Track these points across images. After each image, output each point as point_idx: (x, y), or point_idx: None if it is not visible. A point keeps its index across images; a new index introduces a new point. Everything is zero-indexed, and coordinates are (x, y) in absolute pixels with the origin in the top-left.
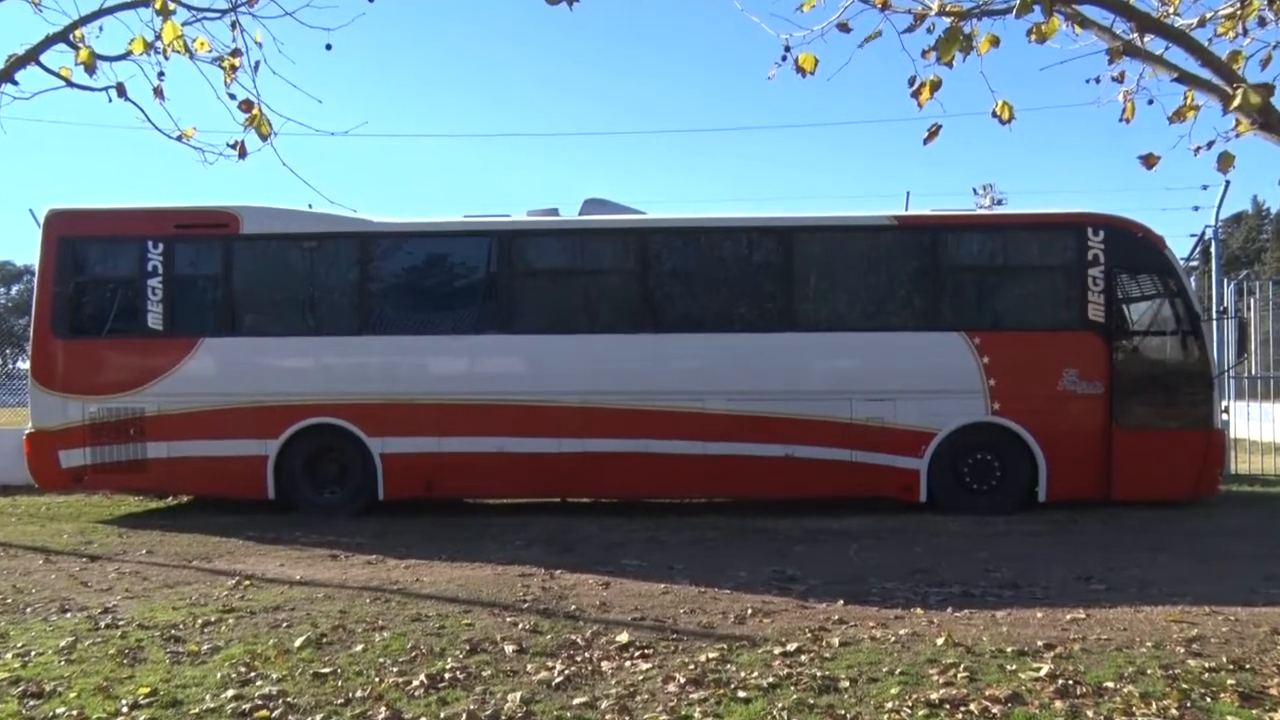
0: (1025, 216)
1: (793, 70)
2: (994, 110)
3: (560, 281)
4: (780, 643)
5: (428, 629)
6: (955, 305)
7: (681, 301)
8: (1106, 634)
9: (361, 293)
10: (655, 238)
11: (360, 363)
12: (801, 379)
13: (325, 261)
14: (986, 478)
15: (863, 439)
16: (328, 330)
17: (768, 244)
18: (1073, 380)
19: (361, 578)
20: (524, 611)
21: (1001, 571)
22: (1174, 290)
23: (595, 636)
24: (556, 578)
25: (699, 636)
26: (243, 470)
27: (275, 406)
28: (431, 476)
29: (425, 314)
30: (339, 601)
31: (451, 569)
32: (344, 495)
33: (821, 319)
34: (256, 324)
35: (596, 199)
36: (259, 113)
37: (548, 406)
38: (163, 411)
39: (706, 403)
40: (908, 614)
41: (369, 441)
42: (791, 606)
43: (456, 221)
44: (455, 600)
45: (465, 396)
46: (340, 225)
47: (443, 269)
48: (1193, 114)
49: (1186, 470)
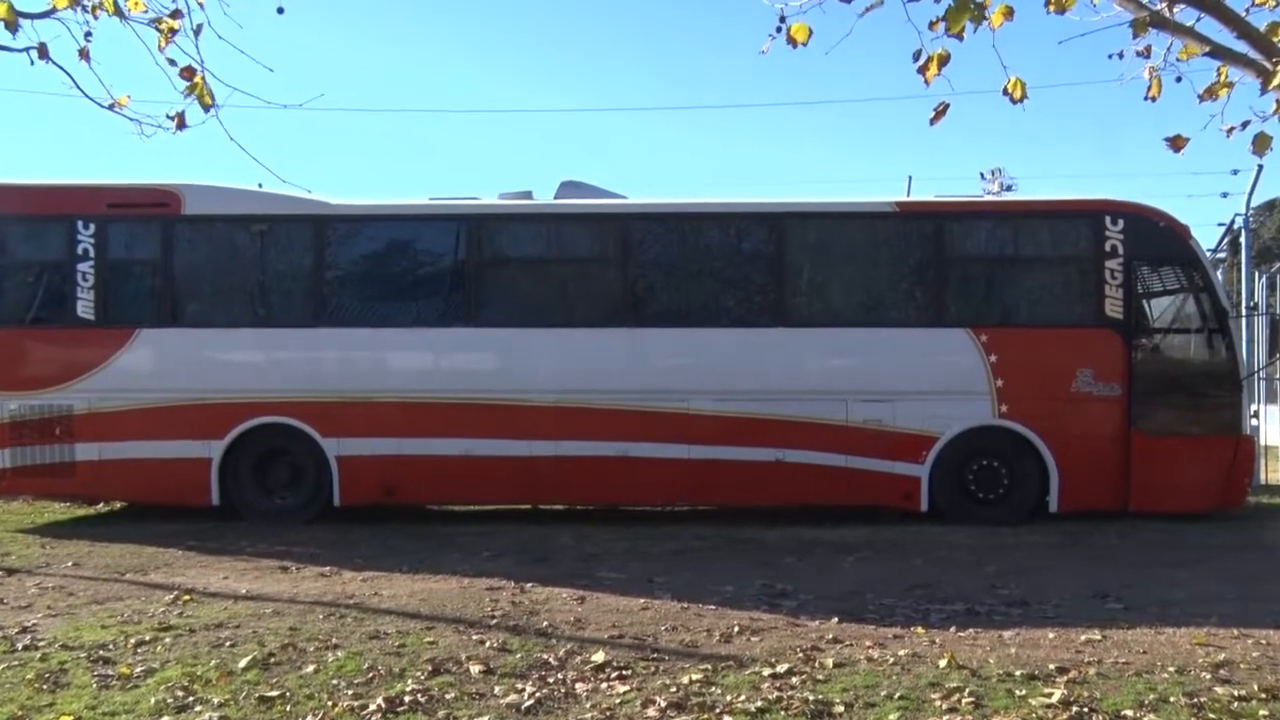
0: (1037, 204)
1: (786, 43)
2: (1006, 88)
3: (533, 271)
4: (769, 663)
5: (386, 648)
6: (960, 299)
7: (664, 293)
8: (1124, 657)
9: (316, 281)
10: (636, 224)
11: (315, 357)
12: (794, 378)
13: (276, 246)
14: (993, 486)
15: (859, 443)
16: (279, 321)
17: (758, 232)
18: (1087, 381)
19: (314, 591)
20: (492, 628)
21: (1009, 588)
22: (1199, 284)
23: (569, 656)
24: (527, 592)
25: (681, 656)
26: (183, 474)
27: (220, 404)
28: (392, 481)
29: (386, 305)
30: (289, 618)
31: (413, 582)
32: (296, 501)
33: (815, 313)
34: (200, 314)
35: (573, 181)
36: (201, 81)
37: (519, 406)
38: (93, 409)
39: (691, 403)
40: (907, 633)
41: (324, 442)
42: (782, 624)
43: (421, 204)
44: (417, 616)
45: (429, 394)
46: (293, 207)
47: (406, 256)
48: (1226, 92)
49: (1211, 480)
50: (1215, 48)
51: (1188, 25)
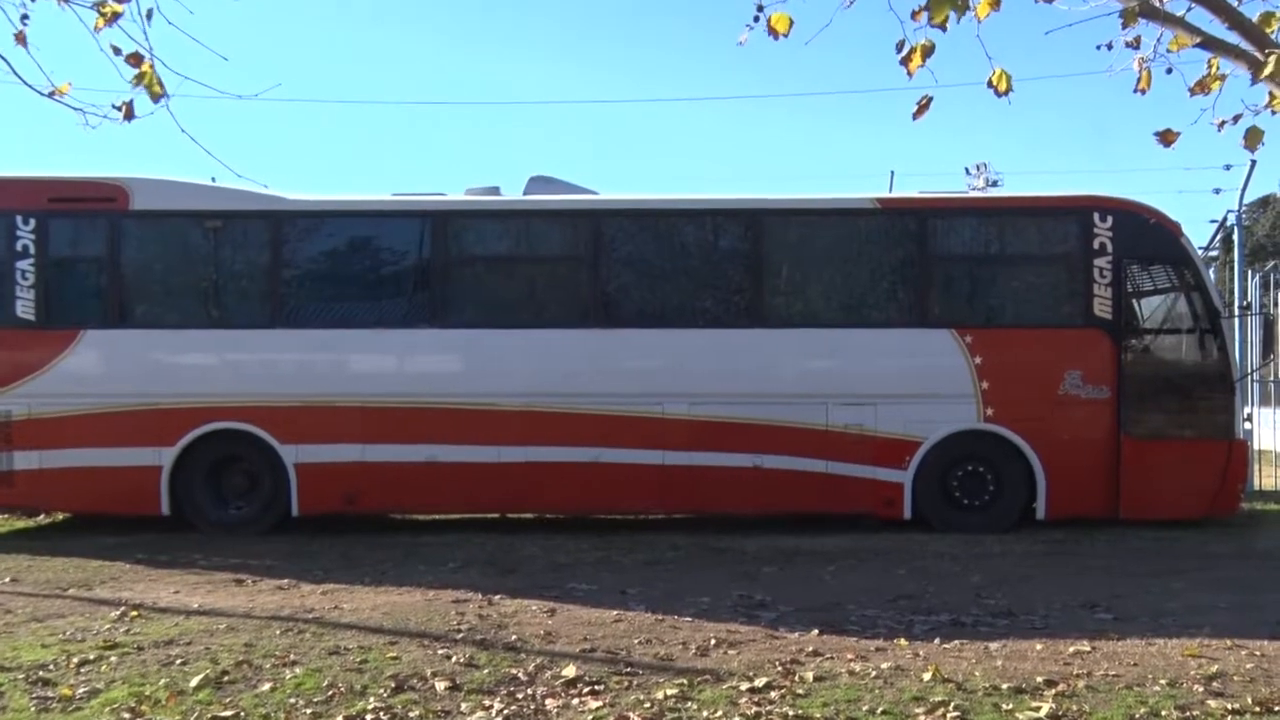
0: (1023, 200)
1: (765, 34)
2: (990, 80)
3: (501, 269)
4: (747, 677)
5: (347, 664)
6: (944, 299)
7: (638, 293)
8: (1114, 669)
9: (274, 280)
10: (608, 221)
11: (272, 359)
12: (772, 380)
13: (231, 243)
14: (978, 492)
15: (840, 448)
16: (234, 322)
17: (734, 229)
18: (1076, 384)
19: (271, 606)
20: (458, 643)
21: (995, 598)
22: (1191, 283)
23: (539, 671)
24: (495, 604)
25: (656, 670)
26: (131, 482)
27: (171, 409)
28: (353, 489)
29: (347, 305)
30: (244, 633)
31: (375, 595)
32: (251, 511)
33: (794, 313)
34: (150, 315)
35: (542, 177)
36: (150, 69)
37: (486, 410)
38: (34, 415)
39: (665, 407)
40: (890, 645)
41: (281, 449)
42: (760, 636)
43: (384, 200)
44: (379, 630)
45: (393, 398)
46: (249, 202)
47: (368, 254)
48: (1217, 85)
49: (1204, 485)
50: (1206, 38)
51: (1178, 15)
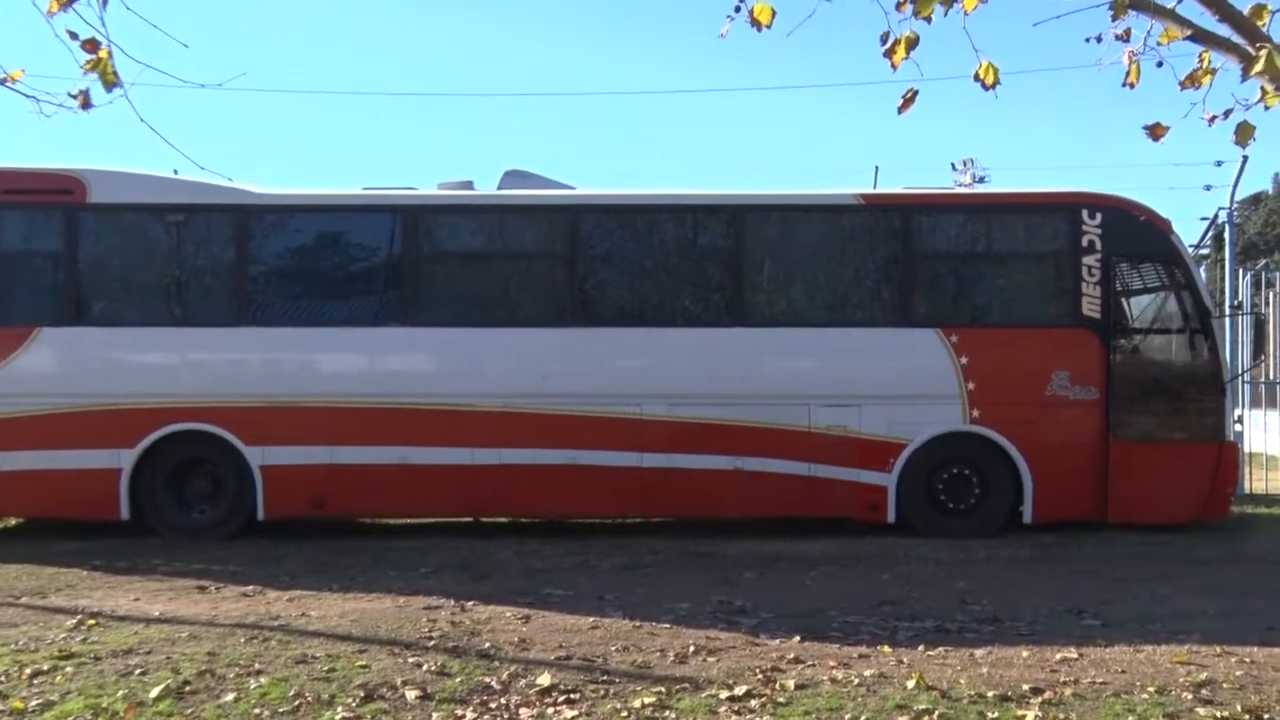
0: (1011, 196)
1: (748, 24)
2: (977, 73)
3: (475, 266)
4: (727, 685)
5: (314, 673)
6: (929, 297)
7: (615, 291)
8: (1102, 677)
9: (239, 276)
10: (585, 217)
11: (237, 359)
12: (753, 381)
13: (194, 238)
14: (964, 495)
15: (822, 450)
16: (198, 320)
17: (715, 225)
18: (1064, 384)
19: (235, 613)
20: (429, 650)
21: (981, 604)
22: (1181, 282)
23: (513, 679)
24: (468, 610)
25: (633, 678)
26: (89, 486)
27: (131, 410)
28: (322, 492)
29: (316, 302)
30: (206, 642)
31: (344, 601)
32: (215, 515)
33: (776, 312)
34: (109, 312)
35: (518, 171)
36: (106, 56)
37: (460, 411)
38: None
39: (644, 407)
40: (874, 652)
41: (247, 451)
42: (740, 643)
43: (354, 194)
44: (348, 638)
45: (363, 399)
46: (213, 195)
47: (337, 250)
48: (1208, 79)
49: (1194, 489)
50: (1197, 31)
51: (1168, 8)
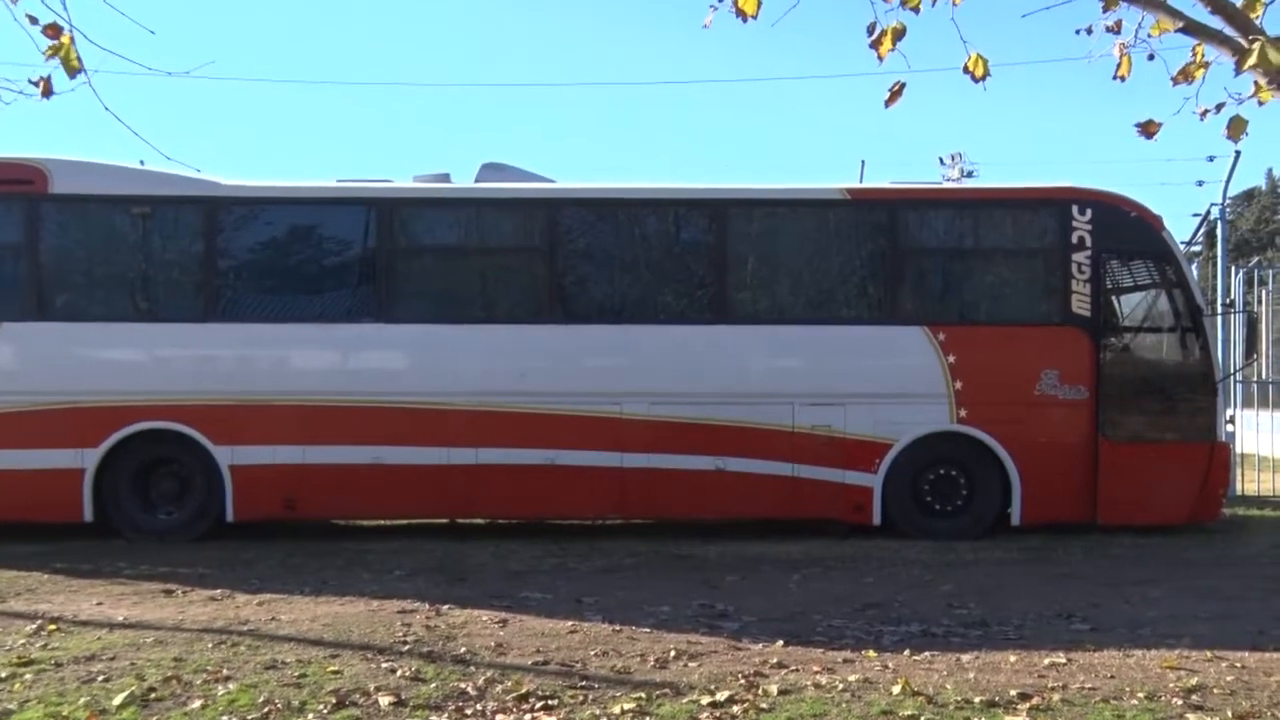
0: (999, 191)
1: (732, 14)
2: (966, 65)
3: (451, 261)
4: (709, 691)
5: (285, 679)
6: (916, 294)
7: (595, 287)
8: (1091, 682)
9: (207, 270)
10: (565, 211)
11: (206, 355)
12: (736, 379)
13: (161, 231)
14: (951, 497)
15: (807, 451)
16: (165, 315)
17: (697, 220)
18: (1052, 383)
19: (203, 618)
20: (404, 655)
21: (968, 607)
22: (1172, 279)
23: (489, 685)
24: (444, 614)
25: (613, 684)
26: (51, 487)
27: (95, 408)
28: (293, 493)
29: (287, 297)
30: (173, 647)
31: (316, 605)
32: (183, 517)
33: (760, 309)
34: (72, 307)
35: (495, 164)
36: (68, 41)
37: (435, 410)
38: None
39: (624, 406)
40: (858, 657)
41: (215, 451)
42: (722, 648)
43: (327, 187)
44: (319, 643)
45: (336, 397)
46: (181, 187)
47: (309, 244)
48: (1201, 72)
49: (1184, 490)
50: (1189, 23)
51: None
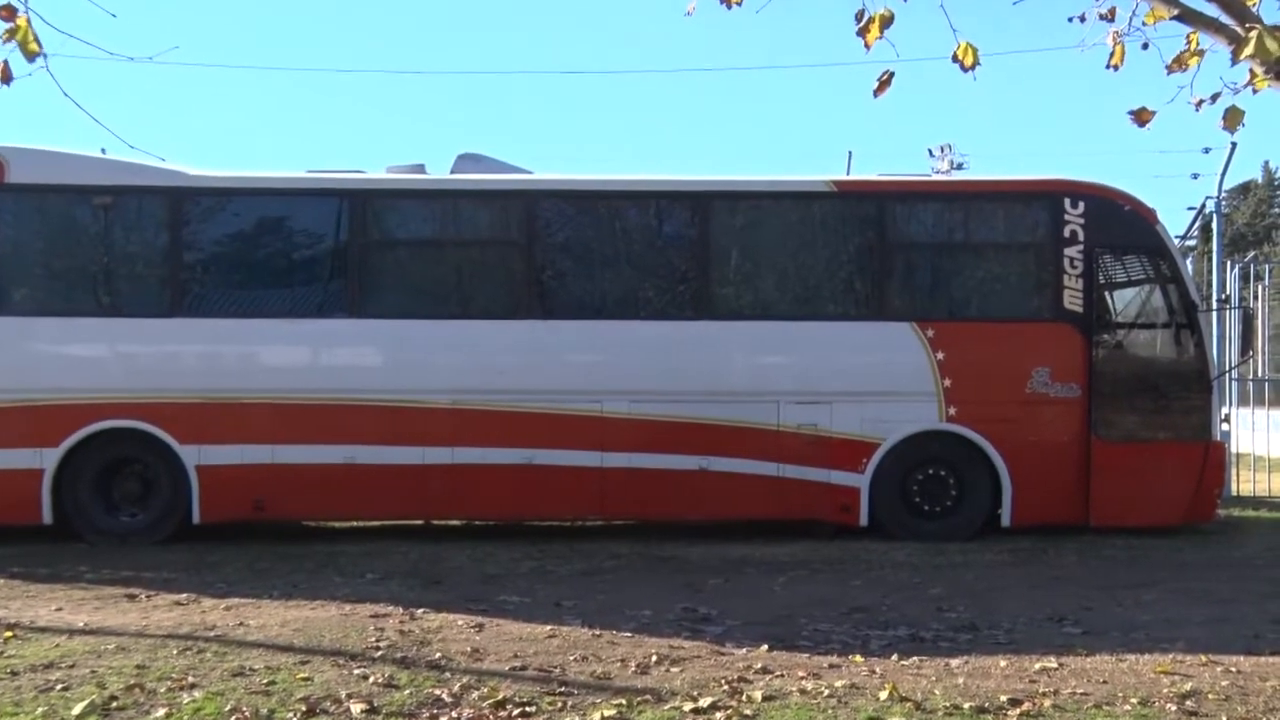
0: (990, 184)
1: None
2: (955, 54)
3: (426, 254)
4: (691, 697)
5: (253, 686)
6: (904, 290)
7: (575, 281)
8: (1083, 687)
9: (173, 264)
10: (543, 203)
11: (171, 351)
12: (719, 377)
13: (124, 222)
14: (940, 497)
15: (792, 450)
16: (128, 310)
17: (680, 213)
18: (1044, 381)
19: (168, 623)
20: (376, 661)
21: (957, 611)
22: (1167, 274)
23: (465, 691)
24: (418, 618)
25: (592, 690)
26: (8, 488)
27: (55, 406)
28: (263, 493)
29: (256, 292)
30: (136, 654)
31: (285, 609)
32: (146, 518)
33: (744, 305)
34: (30, 300)
35: (472, 154)
36: (25, 23)
37: (410, 408)
38: None
39: (605, 405)
40: (845, 662)
41: (181, 450)
42: (705, 652)
43: (298, 177)
44: (289, 649)
45: (307, 394)
46: (144, 177)
47: (279, 236)
48: (1196, 61)
49: (1179, 491)
50: (1184, 11)
51: None
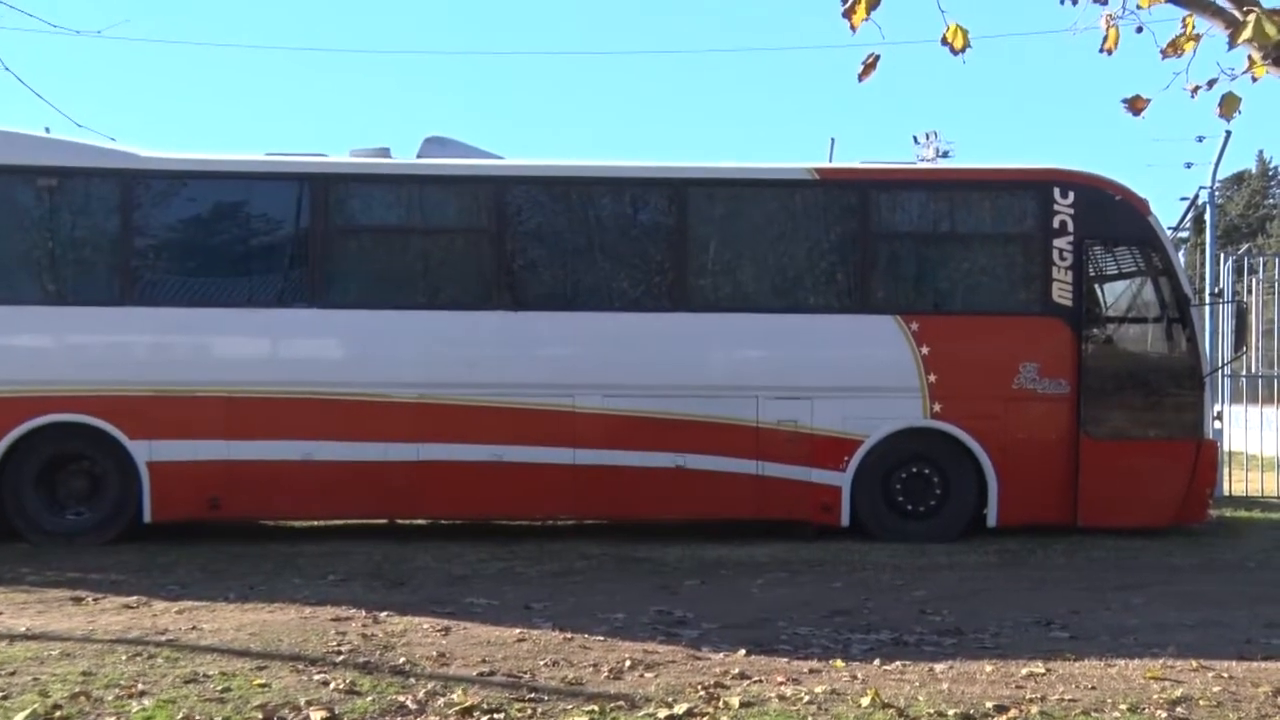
0: (977, 172)
1: None
2: (945, 36)
3: (391, 242)
4: (666, 703)
5: (207, 693)
6: (888, 281)
7: (546, 271)
8: (1071, 693)
9: (123, 250)
10: (514, 189)
11: (121, 342)
12: (696, 371)
13: (70, 206)
14: (924, 497)
15: (772, 447)
16: (75, 298)
17: (656, 200)
18: (1032, 377)
19: (116, 627)
20: (337, 666)
21: (942, 614)
22: (1159, 267)
23: (430, 698)
24: (381, 622)
25: (563, 696)
26: None
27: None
28: (217, 491)
29: (212, 280)
30: (81, 660)
31: (242, 613)
32: (94, 517)
33: (722, 296)
34: None
35: (439, 138)
36: None
37: (373, 402)
38: None
39: (577, 399)
40: (825, 667)
41: (131, 446)
42: (680, 657)
43: (256, 161)
44: (246, 654)
45: (265, 387)
46: (93, 158)
47: (236, 222)
48: (1191, 46)
49: (1169, 490)
50: None
51: None
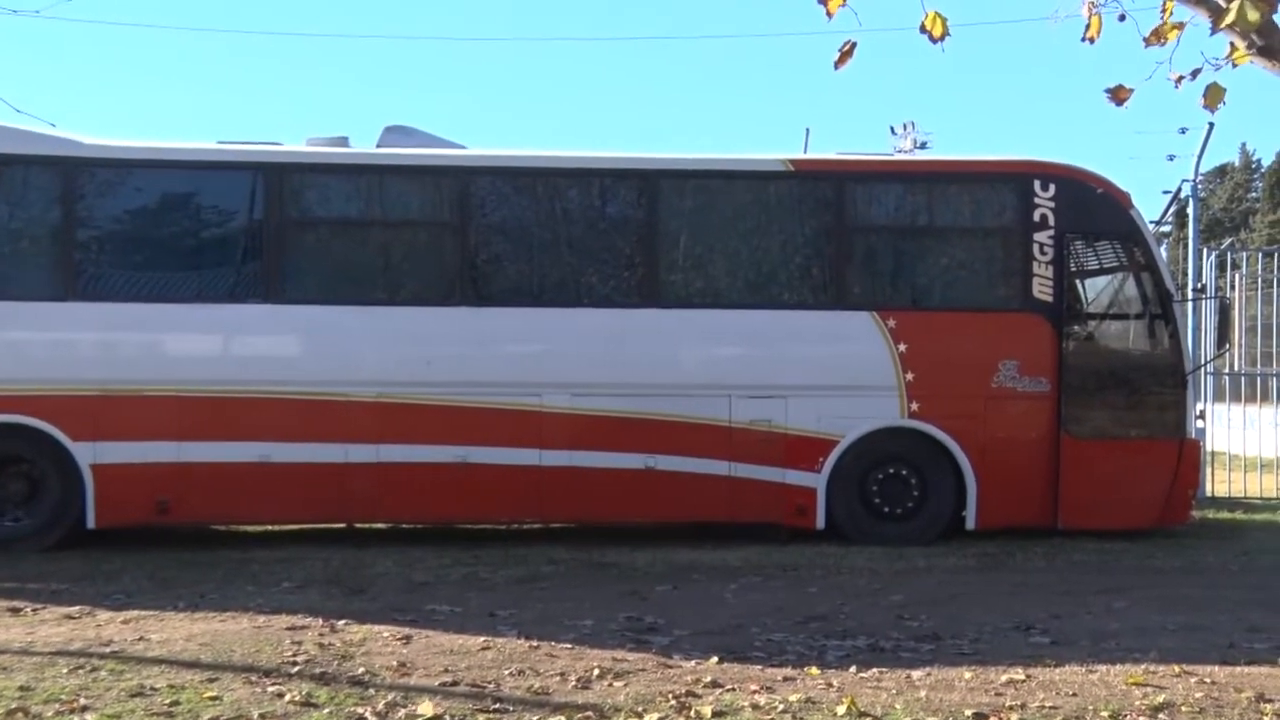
0: (955, 164)
1: None
2: (923, 24)
3: (349, 235)
4: (636, 713)
5: (154, 707)
6: (864, 276)
7: (511, 265)
8: (1051, 700)
9: (65, 243)
10: (478, 180)
11: (63, 339)
12: (667, 369)
13: (8, 196)
14: (901, 499)
15: (745, 448)
16: (13, 293)
17: (625, 192)
18: (1011, 375)
19: (57, 639)
20: (293, 677)
21: (919, 619)
22: (1141, 262)
23: (390, 709)
24: (339, 630)
25: (529, 706)
26: None
27: None
28: (166, 495)
29: (161, 274)
30: (19, 674)
31: (192, 622)
32: (33, 523)
33: (693, 292)
34: None
35: (400, 127)
36: None
37: (331, 401)
38: None
39: (544, 398)
40: (800, 674)
41: (74, 448)
42: (651, 665)
43: (207, 149)
44: (195, 665)
45: (217, 386)
46: (31, 145)
47: (186, 213)
48: (1174, 34)
49: (1152, 491)
50: None
51: None
